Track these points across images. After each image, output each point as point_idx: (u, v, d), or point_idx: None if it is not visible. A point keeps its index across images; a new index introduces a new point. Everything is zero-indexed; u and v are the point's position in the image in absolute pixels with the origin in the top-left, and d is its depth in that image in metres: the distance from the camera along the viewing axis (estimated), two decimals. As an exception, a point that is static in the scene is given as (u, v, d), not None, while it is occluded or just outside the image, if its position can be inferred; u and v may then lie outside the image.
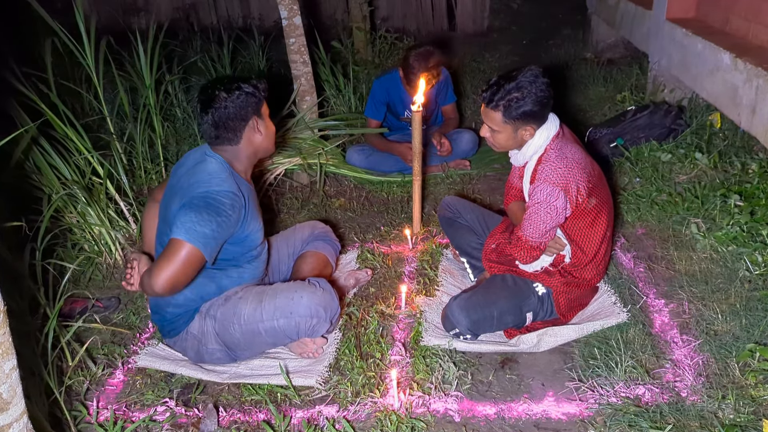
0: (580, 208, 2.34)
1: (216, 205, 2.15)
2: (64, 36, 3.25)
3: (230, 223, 2.19)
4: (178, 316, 2.35)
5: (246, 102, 2.26)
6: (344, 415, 2.15)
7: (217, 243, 2.18)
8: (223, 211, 2.15)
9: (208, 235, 2.11)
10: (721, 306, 2.53)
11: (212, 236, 2.12)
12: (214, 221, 2.12)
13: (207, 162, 2.26)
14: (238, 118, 2.26)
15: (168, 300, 2.32)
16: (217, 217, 2.13)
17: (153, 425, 2.18)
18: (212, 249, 2.16)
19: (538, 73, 2.28)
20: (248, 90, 2.27)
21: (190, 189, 2.19)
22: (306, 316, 2.27)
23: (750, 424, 1.96)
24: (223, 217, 2.15)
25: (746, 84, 3.30)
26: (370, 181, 4.05)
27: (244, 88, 2.26)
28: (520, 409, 2.16)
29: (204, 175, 2.22)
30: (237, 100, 2.24)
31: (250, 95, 2.27)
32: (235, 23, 8.25)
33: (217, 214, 2.14)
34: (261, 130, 2.33)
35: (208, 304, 2.35)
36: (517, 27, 8.30)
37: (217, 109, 2.23)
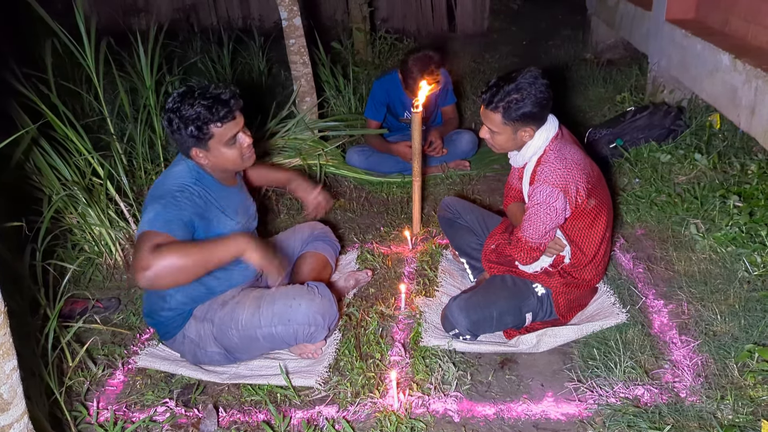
0: (579, 209, 2.35)
1: (159, 194, 2.15)
2: (64, 37, 3.25)
3: (178, 203, 2.12)
4: (171, 319, 2.35)
5: (181, 138, 2.17)
6: (344, 416, 2.16)
7: (165, 218, 2.07)
8: (167, 195, 2.13)
9: (152, 217, 2.07)
10: (720, 307, 2.54)
11: (156, 215, 2.07)
12: (157, 204, 2.11)
13: (176, 165, 2.29)
14: (180, 143, 2.20)
15: (160, 304, 2.32)
16: (160, 200, 2.12)
17: (153, 426, 2.18)
18: (163, 223, 2.06)
19: (537, 74, 2.28)
20: (180, 133, 2.14)
21: (151, 191, 2.22)
22: (304, 324, 2.27)
23: (749, 425, 1.96)
24: (166, 199, 2.12)
25: (745, 85, 3.31)
26: (369, 182, 4.06)
27: (177, 128, 2.14)
28: (520, 410, 2.16)
29: (164, 175, 2.26)
30: (173, 131, 2.17)
31: (185, 137, 2.15)
32: (235, 24, 8.26)
33: (160, 199, 2.13)
34: (204, 157, 2.22)
35: (204, 308, 2.34)
36: (517, 28, 8.31)
37: (167, 129, 2.20)
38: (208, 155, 2.21)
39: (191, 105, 2.12)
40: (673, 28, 4.41)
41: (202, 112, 2.12)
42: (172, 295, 2.29)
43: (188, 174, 2.24)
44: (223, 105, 2.15)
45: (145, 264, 1.94)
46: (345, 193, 3.94)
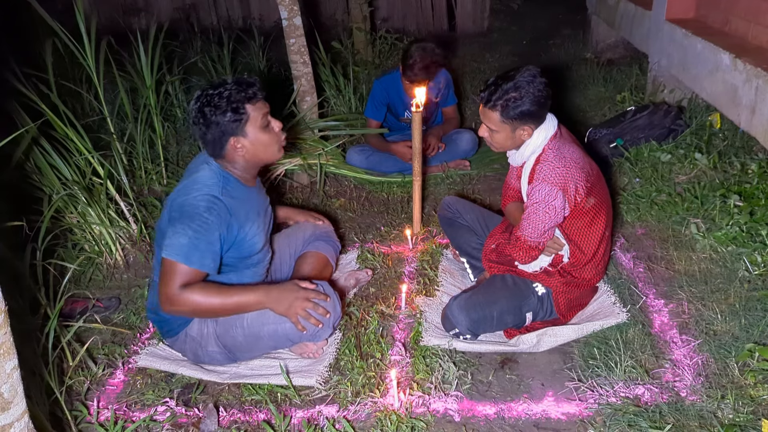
0: (578, 208, 2.35)
1: (190, 212, 2.15)
2: (64, 36, 3.25)
3: (210, 227, 2.15)
4: (176, 318, 2.35)
5: (221, 126, 2.19)
6: (344, 415, 2.16)
7: (200, 251, 2.13)
8: (198, 215, 2.14)
9: (186, 244, 2.10)
10: (721, 306, 2.54)
11: (191, 245, 2.11)
12: (189, 228, 2.12)
13: (201, 170, 2.28)
14: (215, 138, 2.22)
15: None
16: (191, 224, 2.12)
17: (153, 425, 2.18)
18: (198, 259, 2.13)
19: (535, 73, 2.29)
20: (217, 117, 2.17)
21: (175, 199, 2.22)
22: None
23: (749, 424, 1.96)
24: (198, 221, 2.13)
25: (746, 84, 3.30)
26: (370, 182, 4.06)
27: (211, 114, 2.17)
28: (520, 409, 2.16)
29: (190, 182, 2.24)
30: (208, 124, 2.20)
31: (224, 119, 2.18)
32: (235, 24, 8.27)
33: (191, 220, 2.13)
34: (243, 149, 2.25)
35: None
36: (517, 27, 8.31)
37: (195, 126, 2.23)
38: (246, 143, 2.24)
39: (220, 93, 2.18)
40: (674, 28, 4.41)
41: (233, 94, 2.18)
42: None
43: (215, 182, 2.23)
44: (249, 85, 2.23)
45: (173, 300, 2.10)
46: (345, 193, 3.94)
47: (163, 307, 2.13)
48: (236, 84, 2.21)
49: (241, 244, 2.32)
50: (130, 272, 3.16)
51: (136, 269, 3.18)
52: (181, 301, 2.09)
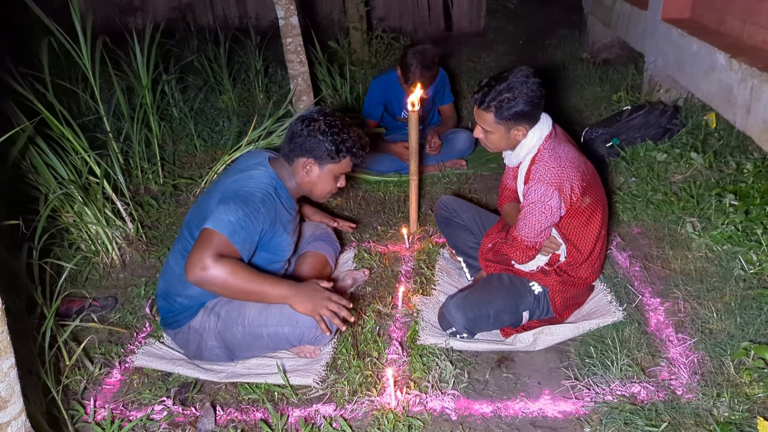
0: (574, 207, 2.35)
1: (245, 196, 2.20)
2: (60, 35, 3.25)
3: (258, 216, 2.19)
4: (186, 308, 2.35)
5: (316, 144, 2.33)
6: (341, 414, 2.16)
7: (245, 233, 2.15)
8: (252, 202, 2.19)
9: (234, 222, 2.12)
10: (716, 305, 2.55)
11: (239, 224, 2.13)
12: (241, 210, 2.15)
13: (257, 169, 2.34)
14: (302, 147, 2.34)
15: (179, 289, 2.32)
16: (245, 207, 2.16)
17: (150, 424, 2.18)
18: (241, 239, 2.14)
19: (529, 73, 2.30)
20: (326, 142, 2.32)
21: (229, 186, 2.26)
22: (311, 327, 2.26)
23: (745, 422, 1.97)
24: (251, 207, 2.18)
25: (741, 84, 3.32)
26: (366, 181, 4.06)
27: (321, 133, 2.31)
28: (517, 408, 2.17)
29: (245, 176, 2.30)
30: (311, 134, 2.32)
31: (324, 144, 2.32)
32: (231, 23, 8.25)
33: (245, 204, 2.17)
34: (308, 173, 2.38)
35: (214, 301, 2.35)
36: (514, 27, 8.32)
37: (301, 125, 2.35)
38: (314, 174, 2.39)
39: (343, 130, 2.36)
40: (669, 28, 4.43)
41: (349, 141, 2.36)
42: None
43: (270, 183, 2.32)
44: (362, 150, 2.43)
45: (204, 265, 2.04)
46: (342, 192, 3.94)
47: (192, 271, 2.04)
48: (357, 139, 2.39)
49: (276, 248, 2.38)
50: (126, 272, 3.15)
51: (132, 269, 3.18)
52: (213, 268, 2.03)
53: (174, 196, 3.84)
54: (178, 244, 2.37)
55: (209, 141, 4.59)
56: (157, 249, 3.28)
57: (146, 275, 3.09)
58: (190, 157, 4.41)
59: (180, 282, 2.31)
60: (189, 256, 2.07)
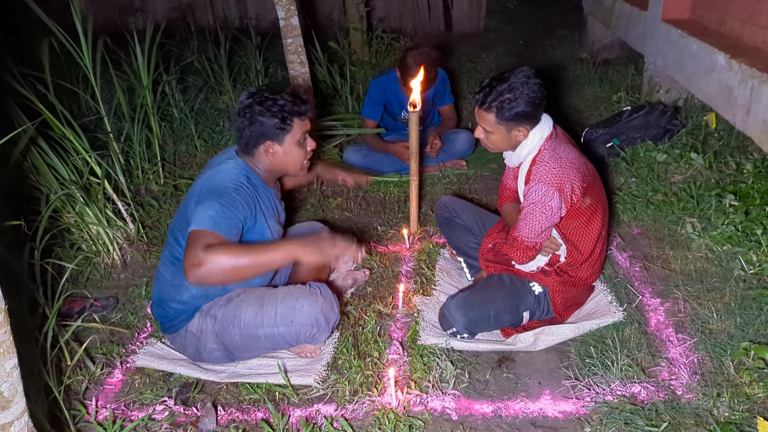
0: (574, 208, 2.36)
1: (218, 189, 2.20)
2: (61, 36, 3.25)
3: (236, 205, 2.19)
4: (180, 313, 2.36)
5: (262, 127, 2.29)
6: (342, 414, 2.17)
7: (228, 222, 2.14)
8: (226, 193, 2.19)
9: (213, 216, 2.11)
10: (716, 305, 2.55)
11: (219, 216, 2.12)
12: (217, 203, 2.15)
13: (226, 163, 2.34)
14: (253, 136, 2.31)
15: (172, 295, 2.33)
16: (220, 199, 2.16)
17: (152, 424, 2.18)
18: (225, 227, 2.12)
19: (530, 74, 2.30)
20: (268, 119, 2.28)
21: (202, 185, 2.26)
22: (307, 325, 2.27)
23: (745, 422, 1.98)
24: (226, 198, 2.17)
25: (741, 84, 3.32)
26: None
27: (259, 114, 2.28)
28: (517, 408, 2.17)
29: (214, 172, 2.30)
30: (252, 121, 2.29)
31: (268, 122, 2.28)
32: (231, 23, 8.25)
33: (220, 197, 2.17)
34: (273, 155, 2.36)
35: (210, 303, 2.35)
36: (513, 27, 8.32)
37: (240, 117, 2.31)
38: (279, 150, 2.35)
39: (275, 99, 2.30)
40: (669, 28, 4.43)
41: (287, 104, 2.30)
42: (187, 288, 2.30)
43: (239, 172, 2.31)
44: (303, 102, 2.35)
45: (198, 261, 2.00)
46: (342, 193, 3.94)
47: (189, 274, 2.01)
48: (292, 96, 2.33)
49: (262, 236, 2.36)
50: (127, 272, 3.16)
51: (133, 269, 3.18)
52: (208, 260, 1.99)
53: (175, 197, 3.84)
54: (166, 251, 2.39)
55: (210, 141, 4.59)
56: (158, 249, 3.28)
57: (147, 275, 3.09)
58: (190, 158, 4.42)
59: (172, 287, 2.33)
60: (184, 261, 2.06)
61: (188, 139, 4.58)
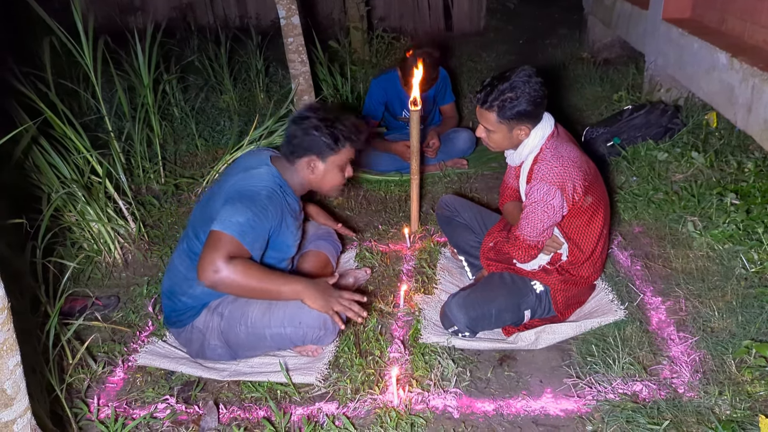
0: (576, 207, 2.36)
1: (251, 195, 2.21)
2: (62, 35, 3.25)
3: (267, 215, 2.20)
4: (189, 308, 2.36)
5: (314, 141, 2.33)
6: (344, 412, 2.17)
7: (255, 233, 2.16)
8: (259, 201, 2.20)
9: (243, 223, 2.12)
10: (718, 303, 2.55)
11: (248, 224, 2.13)
12: (249, 210, 2.15)
13: (259, 168, 2.34)
14: (301, 146, 2.35)
15: (184, 288, 2.33)
16: (252, 206, 2.17)
17: (153, 422, 2.19)
18: (251, 239, 2.15)
19: (531, 72, 2.30)
20: (322, 136, 2.32)
21: (233, 186, 2.26)
22: (314, 327, 2.27)
23: (746, 420, 1.98)
24: (259, 207, 2.18)
25: (742, 83, 3.32)
26: (368, 180, 4.06)
27: (315, 128, 2.32)
28: (519, 406, 2.17)
29: (248, 175, 2.31)
30: (307, 132, 2.33)
31: (321, 139, 2.32)
32: (232, 23, 8.25)
33: (252, 203, 2.18)
34: (313, 171, 2.39)
35: (218, 301, 2.36)
36: (514, 26, 8.33)
37: (295, 126, 2.36)
38: (320, 168, 2.39)
39: (338, 119, 2.37)
40: (670, 27, 4.43)
41: (345, 129, 2.37)
42: (200, 283, 2.29)
43: (273, 181, 2.32)
44: (359, 134, 2.43)
45: (215, 268, 2.06)
46: (343, 192, 3.94)
47: (204, 275, 2.06)
48: (352, 123, 2.40)
49: (282, 246, 2.38)
50: (128, 270, 3.16)
51: (134, 267, 3.18)
52: (225, 270, 2.05)
53: (176, 196, 3.84)
54: (183, 244, 2.38)
55: (210, 140, 4.60)
56: (159, 248, 3.29)
57: (148, 274, 3.10)
58: (191, 157, 4.42)
59: (185, 281, 2.32)
60: (200, 259, 2.08)
61: (189, 139, 4.59)
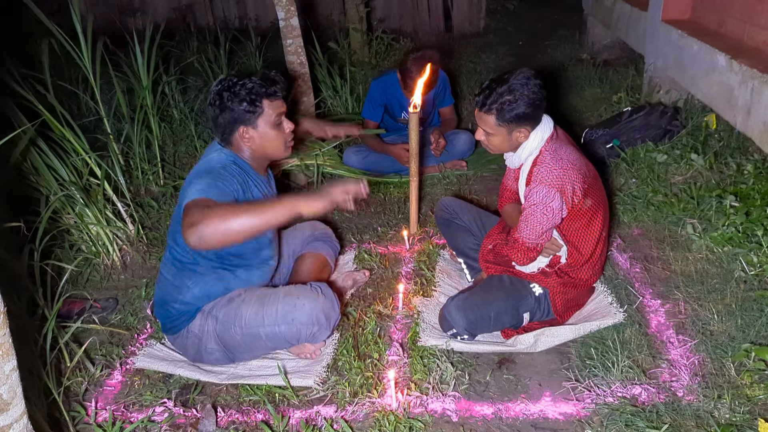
0: (575, 209, 2.36)
1: (207, 169, 2.21)
2: (60, 37, 3.25)
3: (225, 178, 2.18)
4: (182, 314, 2.35)
5: (232, 113, 2.26)
6: (342, 416, 2.16)
7: (218, 189, 2.11)
8: (214, 169, 2.19)
9: (203, 187, 2.10)
10: (717, 306, 2.55)
11: (208, 186, 2.10)
12: (206, 177, 2.15)
13: (213, 153, 2.33)
14: (226, 123, 2.28)
15: (175, 296, 2.33)
16: (208, 175, 2.16)
17: (151, 426, 2.18)
18: (216, 193, 2.09)
19: (529, 75, 2.29)
20: (233, 104, 2.24)
21: (191, 173, 2.26)
22: (307, 324, 2.27)
23: (746, 424, 1.97)
24: (214, 173, 2.18)
25: (741, 85, 3.32)
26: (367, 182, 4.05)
27: (228, 100, 2.24)
28: (518, 409, 2.17)
29: (203, 162, 2.30)
30: (223, 108, 2.26)
31: (236, 107, 2.24)
32: (231, 24, 8.25)
33: (208, 172, 2.18)
34: (250, 140, 2.31)
35: (211, 304, 2.35)
36: (513, 28, 8.33)
37: (211, 107, 2.30)
38: (255, 135, 2.30)
39: (243, 83, 2.26)
40: (669, 29, 4.43)
41: (255, 87, 2.26)
42: (189, 288, 2.30)
43: (226, 158, 2.30)
44: (272, 82, 2.31)
45: (196, 219, 1.90)
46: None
47: (188, 239, 1.89)
48: (261, 79, 2.30)
49: None
50: (127, 273, 3.15)
51: (133, 270, 3.18)
52: (205, 216, 1.90)
53: (174, 198, 3.84)
54: (167, 252, 2.39)
55: (210, 142, 4.57)
56: (158, 250, 3.28)
57: (147, 276, 3.09)
58: (190, 158, 4.41)
59: (174, 289, 2.33)
60: (182, 230, 1.96)
61: (188, 140, 4.58)
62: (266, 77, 2.32)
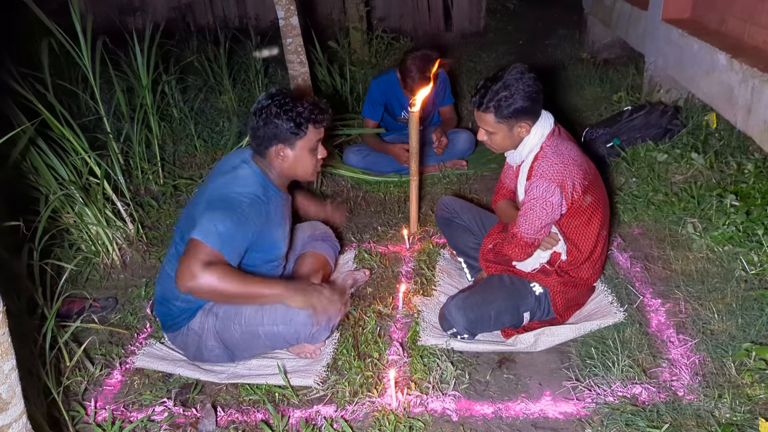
0: (575, 206, 2.35)
1: (232, 202, 2.19)
2: (60, 36, 3.24)
3: (247, 222, 2.19)
4: (183, 311, 2.35)
5: (276, 129, 2.29)
6: (342, 415, 2.16)
7: (234, 242, 2.15)
8: (239, 208, 2.18)
9: (222, 233, 2.11)
10: (718, 305, 2.55)
11: (227, 234, 2.12)
12: (228, 219, 2.14)
13: (241, 168, 2.33)
14: (265, 137, 2.31)
15: (176, 293, 2.31)
16: (232, 214, 2.15)
17: (151, 425, 2.18)
18: (230, 249, 2.13)
19: (522, 69, 2.31)
20: (283, 122, 2.28)
21: (216, 189, 2.26)
22: (305, 324, 2.27)
23: (746, 423, 1.97)
24: (238, 214, 2.17)
25: (742, 84, 3.32)
26: (367, 181, 4.06)
27: (275, 116, 2.28)
28: (518, 409, 2.17)
29: (231, 178, 2.29)
30: (267, 122, 2.29)
31: (283, 125, 2.29)
32: (231, 23, 8.24)
33: (232, 211, 2.16)
34: (284, 159, 2.35)
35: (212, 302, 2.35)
36: (513, 27, 8.32)
37: (255, 117, 2.32)
38: (290, 155, 2.34)
39: (295, 104, 2.30)
40: (670, 28, 4.43)
41: (305, 111, 2.30)
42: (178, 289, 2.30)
43: (255, 182, 2.30)
44: (321, 111, 2.37)
45: (195, 274, 2.03)
46: (342, 193, 3.94)
47: (181, 282, 2.05)
48: (311, 104, 2.34)
49: (269, 248, 2.38)
50: (126, 272, 3.15)
51: (133, 269, 3.18)
52: (202, 277, 2.03)
53: (174, 197, 3.83)
54: (172, 248, 2.39)
55: (209, 141, 4.59)
56: (158, 249, 3.28)
57: (147, 276, 3.09)
58: (190, 158, 4.41)
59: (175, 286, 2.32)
60: (179, 267, 2.08)
61: (188, 139, 4.58)
62: (317, 105, 2.36)
